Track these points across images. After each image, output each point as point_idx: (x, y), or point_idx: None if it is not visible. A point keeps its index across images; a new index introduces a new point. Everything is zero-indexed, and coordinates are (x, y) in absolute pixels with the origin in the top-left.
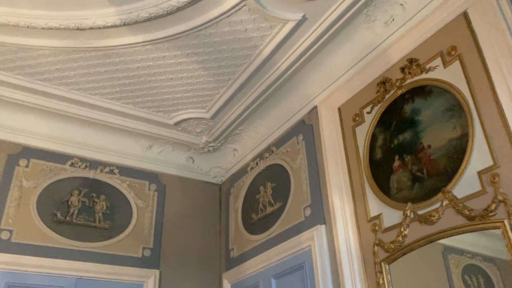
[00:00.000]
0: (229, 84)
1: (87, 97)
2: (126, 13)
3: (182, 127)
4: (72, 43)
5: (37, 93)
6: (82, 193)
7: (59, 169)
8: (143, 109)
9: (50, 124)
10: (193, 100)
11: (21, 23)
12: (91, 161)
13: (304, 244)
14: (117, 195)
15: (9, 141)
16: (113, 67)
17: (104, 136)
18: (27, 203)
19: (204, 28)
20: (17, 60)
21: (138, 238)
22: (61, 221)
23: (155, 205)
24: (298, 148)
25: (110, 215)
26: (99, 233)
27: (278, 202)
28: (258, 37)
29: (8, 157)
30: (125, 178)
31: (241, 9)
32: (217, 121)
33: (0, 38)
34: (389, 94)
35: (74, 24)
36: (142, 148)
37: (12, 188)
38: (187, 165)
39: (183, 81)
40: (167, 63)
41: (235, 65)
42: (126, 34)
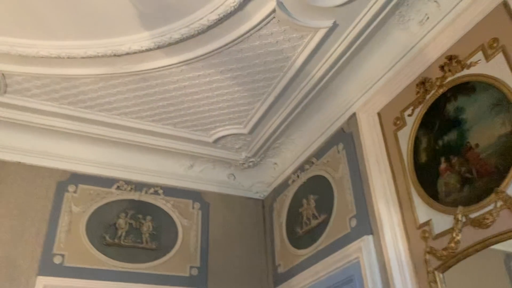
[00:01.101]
0: (264, 97)
1: (128, 121)
2: (159, 36)
3: (221, 144)
4: (110, 69)
5: (82, 121)
6: (128, 215)
7: (106, 193)
8: (182, 129)
9: (95, 149)
10: (230, 116)
11: (62, 54)
12: (136, 183)
13: (352, 256)
14: (162, 216)
15: (57, 168)
16: (151, 90)
17: (147, 158)
18: (77, 227)
19: (235, 44)
20: (60, 90)
21: (185, 257)
22: (110, 244)
23: (200, 224)
24: (339, 157)
25: (157, 236)
26: (147, 254)
27: (322, 214)
28: (290, 48)
29: (58, 184)
30: (169, 198)
31: (271, 21)
32: (255, 136)
33: (43, 70)
34: (429, 94)
35: (110, 51)
36: (184, 168)
37: (62, 213)
38: (229, 182)
39: (218, 98)
40: (202, 82)
41: (268, 78)
42: (161, 56)
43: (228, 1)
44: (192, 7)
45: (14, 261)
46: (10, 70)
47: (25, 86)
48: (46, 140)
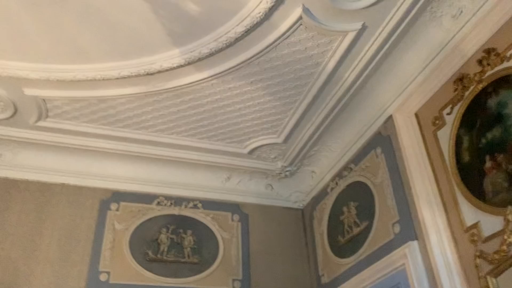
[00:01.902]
0: (297, 105)
1: (165, 137)
2: (189, 52)
3: (257, 155)
4: (144, 88)
5: (120, 140)
6: (170, 230)
7: (147, 209)
8: (217, 141)
9: (134, 167)
10: (263, 126)
11: (97, 77)
12: (176, 198)
13: (397, 263)
14: (202, 229)
15: (100, 187)
16: (184, 106)
17: (185, 172)
18: (121, 244)
19: (264, 54)
20: (98, 111)
21: (227, 270)
22: (153, 259)
23: (240, 236)
24: (377, 162)
25: (198, 249)
26: (189, 268)
27: (364, 221)
28: (319, 54)
29: (100, 203)
30: (209, 211)
31: (298, 29)
32: (290, 145)
33: (81, 93)
34: (468, 91)
35: (143, 70)
36: (221, 180)
37: (106, 231)
38: (267, 193)
39: (251, 109)
40: (233, 94)
41: (299, 85)
42: (192, 72)
43: (254, 12)
44: (218, 21)
45: (62, 280)
46: (50, 95)
47: (65, 110)
48: (87, 161)
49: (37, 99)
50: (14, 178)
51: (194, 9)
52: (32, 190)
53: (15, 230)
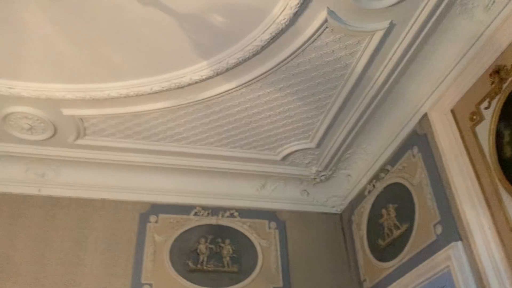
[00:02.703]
0: (328, 109)
1: (198, 148)
2: (217, 63)
3: (290, 161)
4: (175, 101)
5: (156, 153)
6: (208, 240)
7: (185, 220)
8: (249, 150)
9: (170, 179)
10: (295, 132)
11: (130, 93)
12: (212, 207)
13: (441, 266)
14: (240, 238)
15: (139, 201)
16: (215, 116)
17: (220, 182)
18: (161, 256)
19: (291, 60)
20: (133, 127)
21: (267, 278)
22: (193, 270)
23: (278, 243)
24: (415, 162)
25: (237, 258)
26: (230, 277)
27: (404, 223)
28: (347, 55)
29: (140, 216)
30: (245, 219)
31: (324, 32)
32: (323, 149)
33: (116, 110)
34: (506, 83)
35: (174, 84)
36: (256, 188)
37: (146, 244)
38: (303, 199)
39: (281, 115)
40: (263, 101)
41: (329, 88)
42: (221, 82)
43: (279, 19)
44: (244, 30)
45: None
46: (87, 114)
47: (101, 127)
48: (125, 175)
49: (75, 119)
50: (57, 196)
51: (219, 20)
52: (74, 206)
53: (60, 246)
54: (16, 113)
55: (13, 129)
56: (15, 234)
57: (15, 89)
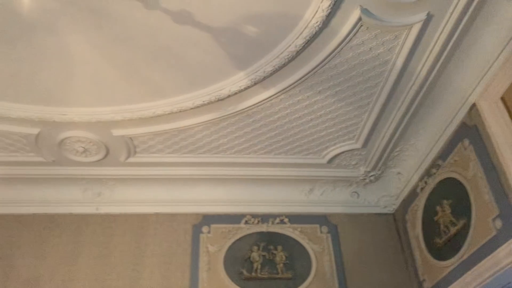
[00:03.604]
0: (370, 107)
1: (243, 158)
2: (254, 72)
3: (336, 163)
4: (217, 114)
5: (203, 165)
6: (260, 248)
7: (236, 229)
8: (294, 155)
9: (219, 189)
10: (339, 134)
11: (174, 110)
12: (262, 215)
13: (504, 262)
14: (292, 244)
15: (191, 212)
16: (257, 124)
17: (267, 189)
18: (216, 266)
19: (328, 62)
20: (179, 141)
21: (322, 283)
22: (248, 278)
23: (331, 247)
24: (467, 154)
25: (291, 265)
26: (285, 284)
27: (461, 219)
28: (386, 52)
29: (193, 228)
30: (296, 225)
31: (359, 30)
32: (370, 149)
33: (162, 127)
34: None
35: (214, 97)
36: (305, 193)
37: (201, 254)
38: (353, 201)
39: (323, 118)
40: (303, 106)
41: (370, 87)
42: (259, 91)
43: (311, 23)
44: (278, 37)
45: None
46: (135, 133)
47: (150, 144)
48: (176, 189)
49: (125, 138)
50: (114, 213)
51: (252, 30)
52: (130, 222)
53: (119, 261)
54: (70, 138)
55: (69, 152)
56: (78, 252)
57: (67, 115)
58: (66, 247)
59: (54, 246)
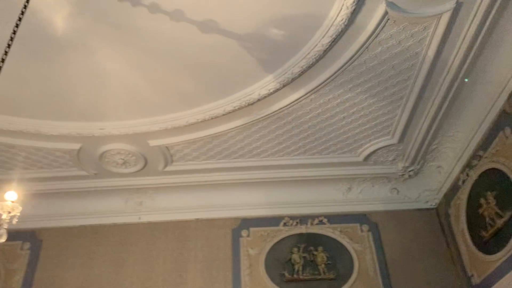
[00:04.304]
0: (404, 101)
1: (277, 160)
2: (282, 75)
3: (373, 160)
4: (248, 118)
5: (238, 170)
6: (301, 249)
7: (275, 231)
8: (328, 154)
9: (256, 192)
10: (373, 130)
11: (206, 117)
12: (300, 216)
13: None
14: (333, 244)
15: (229, 217)
16: (288, 126)
17: (304, 190)
18: (257, 269)
19: (357, 58)
20: (213, 148)
21: (365, 282)
22: (290, 280)
23: (373, 246)
24: (509, 143)
25: (333, 265)
26: (328, 285)
27: (507, 211)
28: (416, 44)
29: (232, 232)
30: (336, 225)
31: (386, 25)
32: (406, 143)
33: (196, 135)
34: None
35: (244, 102)
36: (342, 192)
37: (242, 258)
38: (393, 197)
39: (356, 115)
40: (334, 104)
41: (402, 80)
42: (289, 93)
43: (337, 21)
44: (303, 38)
45: None
46: (171, 142)
47: (186, 152)
48: (214, 194)
49: (161, 148)
50: (155, 221)
51: (277, 33)
52: (172, 229)
53: (163, 268)
54: (110, 151)
55: (109, 165)
56: (123, 261)
57: (106, 130)
58: (112, 257)
59: (100, 256)
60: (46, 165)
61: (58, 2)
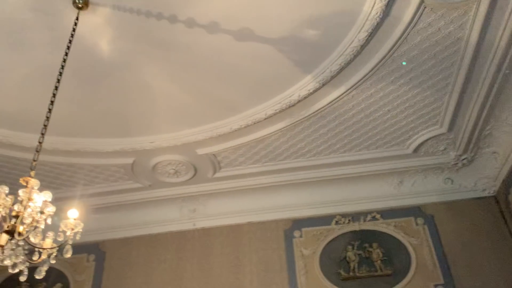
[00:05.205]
0: (450, 88)
1: (324, 159)
2: (320, 74)
3: (423, 151)
4: (291, 120)
5: (285, 171)
6: (355, 247)
7: (328, 230)
8: (376, 149)
9: (306, 192)
10: (421, 121)
11: (249, 123)
12: (352, 214)
13: None
14: (388, 239)
15: (280, 218)
16: (332, 124)
17: (354, 187)
18: (312, 269)
19: (396, 50)
20: (259, 152)
21: (425, 276)
22: (346, 278)
23: (429, 239)
24: None
25: (389, 261)
26: (385, 281)
27: None
28: (457, 29)
29: (285, 233)
30: (389, 220)
31: (423, 13)
32: (457, 131)
33: (240, 141)
34: None
35: (285, 105)
36: (394, 186)
37: (296, 259)
38: (448, 188)
39: (401, 107)
40: (377, 98)
41: (446, 67)
42: (329, 91)
43: (371, 15)
44: (339, 36)
45: None
46: (217, 149)
47: (232, 158)
48: (264, 197)
49: (209, 156)
50: (209, 226)
51: (312, 33)
52: (225, 233)
53: (220, 272)
54: (161, 162)
55: (161, 175)
56: (182, 267)
57: (155, 142)
58: (170, 264)
59: (160, 263)
60: (103, 180)
61: (101, 27)
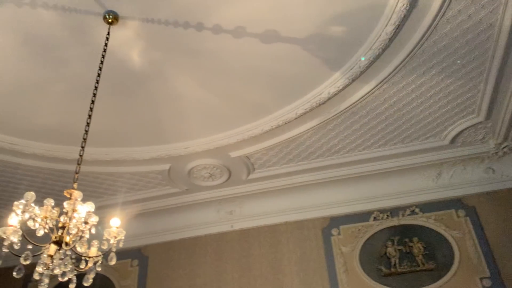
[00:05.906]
0: (485, 76)
1: (358, 155)
2: (349, 70)
3: (461, 142)
4: (322, 118)
5: (319, 170)
6: (395, 242)
7: (366, 227)
8: (411, 142)
9: (342, 190)
10: (456, 111)
11: (280, 123)
12: (390, 209)
13: None
14: (428, 233)
15: (317, 217)
16: (364, 119)
17: (391, 182)
18: (352, 266)
19: (426, 40)
20: (291, 151)
21: (469, 270)
22: (387, 274)
23: (472, 231)
24: None
25: (431, 255)
26: (428, 276)
27: None
28: (488, 15)
29: (323, 231)
30: (429, 214)
31: (452, 1)
32: (495, 119)
33: (272, 141)
34: None
35: (315, 103)
36: (432, 179)
37: (335, 256)
38: (489, 177)
39: (434, 98)
40: (409, 91)
41: (479, 54)
42: (359, 86)
43: (398, 7)
44: (366, 30)
45: None
46: (250, 151)
47: (265, 159)
48: (299, 196)
49: (242, 158)
50: (247, 227)
51: (338, 30)
52: (263, 234)
53: (259, 272)
54: (196, 167)
55: (197, 179)
56: (222, 269)
57: (190, 148)
58: (211, 265)
59: (201, 265)
60: (142, 187)
61: (131, 40)
